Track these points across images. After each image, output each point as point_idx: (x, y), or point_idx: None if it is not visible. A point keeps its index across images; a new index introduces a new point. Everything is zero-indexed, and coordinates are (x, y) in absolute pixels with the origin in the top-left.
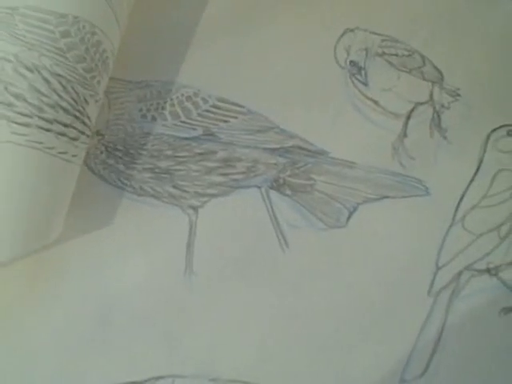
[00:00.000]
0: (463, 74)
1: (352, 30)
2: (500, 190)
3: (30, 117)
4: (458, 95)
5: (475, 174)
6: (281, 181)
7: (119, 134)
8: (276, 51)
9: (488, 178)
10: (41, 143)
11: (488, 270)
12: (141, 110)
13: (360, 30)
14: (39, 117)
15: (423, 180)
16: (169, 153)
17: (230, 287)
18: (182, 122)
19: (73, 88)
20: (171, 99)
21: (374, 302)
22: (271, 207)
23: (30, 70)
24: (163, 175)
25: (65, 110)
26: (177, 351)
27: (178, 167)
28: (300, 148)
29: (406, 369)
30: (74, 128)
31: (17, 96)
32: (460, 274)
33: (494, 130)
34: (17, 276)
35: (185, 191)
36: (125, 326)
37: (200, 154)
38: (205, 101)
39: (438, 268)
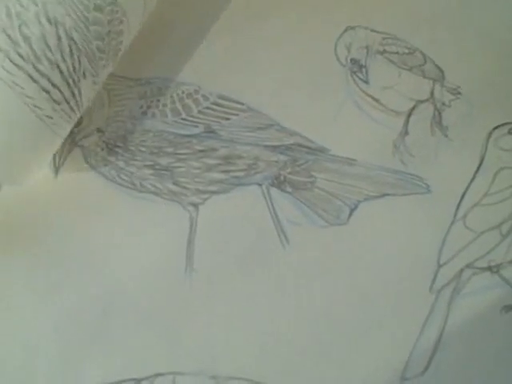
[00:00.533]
0: (464, 71)
1: (353, 28)
2: (501, 187)
3: (26, 62)
4: (459, 93)
5: (476, 171)
6: (281, 178)
7: (119, 131)
8: (276, 49)
9: (489, 175)
10: (22, 89)
11: (489, 268)
12: (141, 106)
13: (361, 27)
14: (34, 66)
15: (424, 177)
16: (169, 150)
17: (231, 284)
18: (182, 119)
19: (78, 57)
20: (172, 96)
21: (375, 300)
22: (272, 204)
23: (50, 23)
24: (164, 172)
25: (61, 71)
26: (177, 348)
27: (178, 164)
28: (301, 145)
29: (407, 367)
30: (61, 92)
31: (25, 38)
32: (461, 271)
33: (496, 127)
34: (16, 270)
35: (185, 188)
36: (125, 322)
37: (201, 151)
38: (205, 98)
39: (440, 266)
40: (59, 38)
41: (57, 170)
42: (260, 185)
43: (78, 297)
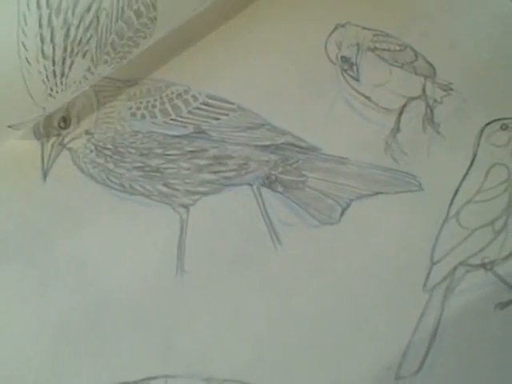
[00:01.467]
0: (456, 68)
1: (343, 26)
2: (494, 184)
3: (48, 7)
4: (451, 89)
5: (469, 168)
6: (272, 178)
7: (108, 132)
8: (266, 47)
9: (482, 172)
10: (25, 25)
11: (483, 265)
12: (130, 108)
13: (351, 25)
14: (50, 14)
15: (416, 175)
16: (159, 151)
17: (223, 286)
18: (172, 119)
19: (91, 36)
20: (161, 97)
21: (368, 299)
22: (263, 205)
23: None
24: (153, 173)
25: (67, 34)
26: (169, 351)
27: (168, 165)
28: (292, 145)
29: (401, 365)
30: (54, 50)
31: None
32: (455, 269)
33: (488, 124)
34: (5, 278)
35: (176, 189)
36: (116, 325)
37: (191, 151)
38: (195, 98)
39: (433, 263)
40: (88, 9)
41: (45, 174)
42: (251, 185)
43: (68, 301)
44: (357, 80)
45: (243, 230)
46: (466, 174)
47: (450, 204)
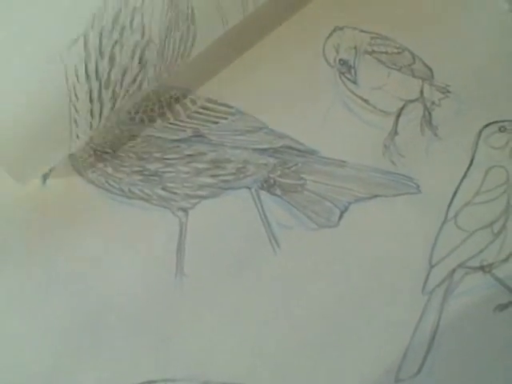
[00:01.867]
0: (453, 70)
1: (341, 28)
2: (492, 186)
3: (100, 51)
4: (449, 92)
5: (467, 170)
6: (271, 181)
7: (107, 136)
8: (264, 51)
9: (480, 174)
10: (76, 70)
11: (482, 268)
12: (129, 112)
13: (349, 28)
14: (97, 60)
15: (415, 178)
16: (158, 155)
17: (222, 289)
18: (170, 123)
19: (131, 89)
20: (160, 101)
21: (367, 302)
22: (262, 208)
23: (140, 61)
24: (152, 177)
25: (112, 82)
26: (168, 354)
27: (167, 169)
28: (290, 148)
29: (401, 368)
30: (100, 96)
31: (121, 40)
32: (454, 271)
33: (486, 126)
34: (3, 284)
35: (174, 193)
36: (115, 329)
37: (189, 155)
38: (193, 102)
39: (432, 266)
40: (134, 80)
41: (45, 178)
42: (249, 188)
43: (68, 305)
44: (355, 83)
45: (242, 233)
46: (465, 176)
47: (449, 206)
